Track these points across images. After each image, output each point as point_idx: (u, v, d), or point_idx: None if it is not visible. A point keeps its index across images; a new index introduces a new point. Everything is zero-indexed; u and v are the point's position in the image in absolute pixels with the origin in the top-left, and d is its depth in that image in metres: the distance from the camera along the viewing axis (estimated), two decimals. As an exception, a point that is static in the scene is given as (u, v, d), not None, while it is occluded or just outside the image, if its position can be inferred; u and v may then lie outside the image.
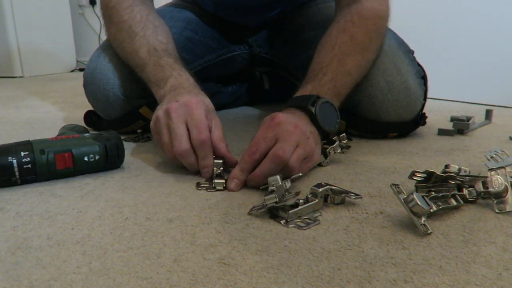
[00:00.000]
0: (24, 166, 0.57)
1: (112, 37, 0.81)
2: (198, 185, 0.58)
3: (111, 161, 0.64)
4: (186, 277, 0.36)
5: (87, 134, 0.65)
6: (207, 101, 0.65)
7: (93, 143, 0.62)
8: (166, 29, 0.80)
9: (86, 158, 0.61)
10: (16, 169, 0.57)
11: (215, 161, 0.60)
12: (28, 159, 0.57)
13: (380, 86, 0.76)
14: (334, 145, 0.66)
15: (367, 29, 0.72)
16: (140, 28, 0.76)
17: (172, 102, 0.62)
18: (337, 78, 0.67)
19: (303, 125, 0.58)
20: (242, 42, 1.04)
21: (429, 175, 0.52)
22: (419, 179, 0.53)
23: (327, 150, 0.65)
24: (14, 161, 0.57)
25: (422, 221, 0.43)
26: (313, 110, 0.61)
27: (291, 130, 0.56)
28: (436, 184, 0.52)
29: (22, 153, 0.57)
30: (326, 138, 0.67)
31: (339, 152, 0.66)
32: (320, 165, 0.66)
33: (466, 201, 0.50)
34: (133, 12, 0.78)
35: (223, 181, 0.57)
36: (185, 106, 0.60)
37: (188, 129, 0.59)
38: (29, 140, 0.59)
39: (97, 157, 0.62)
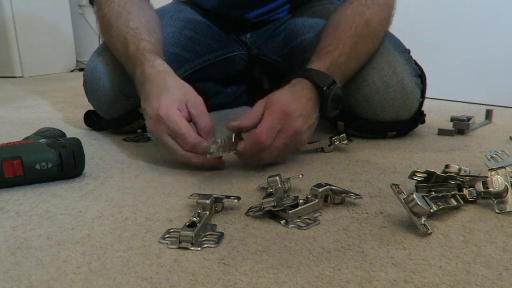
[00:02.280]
0: None
1: (100, 34, 0.82)
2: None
3: (66, 169, 0.59)
4: (186, 277, 0.36)
5: (42, 140, 0.60)
6: (172, 83, 0.65)
7: (46, 149, 0.58)
8: (141, 12, 0.78)
9: (37, 166, 0.57)
10: None
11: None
12: None
13: (377, 86, 0.77)
14: (340, 136, 0.72)
15: (380, 16, 0.74)
16: (115, 18, 0.76)
17: (146, 112, 0.63)
18: (350, 61, 0.71)
19: (307, 113, 0.63)
20: (241, 35, 1.04)
21: (429, 175, 0.52)
22: (419, 179, 0.53)
23: (333, 138, 0.72)
24: None
25: (422, 221, 0.43)
26: (328, 95, 0.65)
27: (299, 127, 0.61)
28: (436, 184, 0.52)
29: None
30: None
31: (344, 143, 0.72)
32: (322, 150, 0.72)
33: (466, 201, 0.50)
34: (113, 3, 0.78)
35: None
36: (157, 121, 0.61)
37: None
38: None
39: (49, 165, 0.57)
